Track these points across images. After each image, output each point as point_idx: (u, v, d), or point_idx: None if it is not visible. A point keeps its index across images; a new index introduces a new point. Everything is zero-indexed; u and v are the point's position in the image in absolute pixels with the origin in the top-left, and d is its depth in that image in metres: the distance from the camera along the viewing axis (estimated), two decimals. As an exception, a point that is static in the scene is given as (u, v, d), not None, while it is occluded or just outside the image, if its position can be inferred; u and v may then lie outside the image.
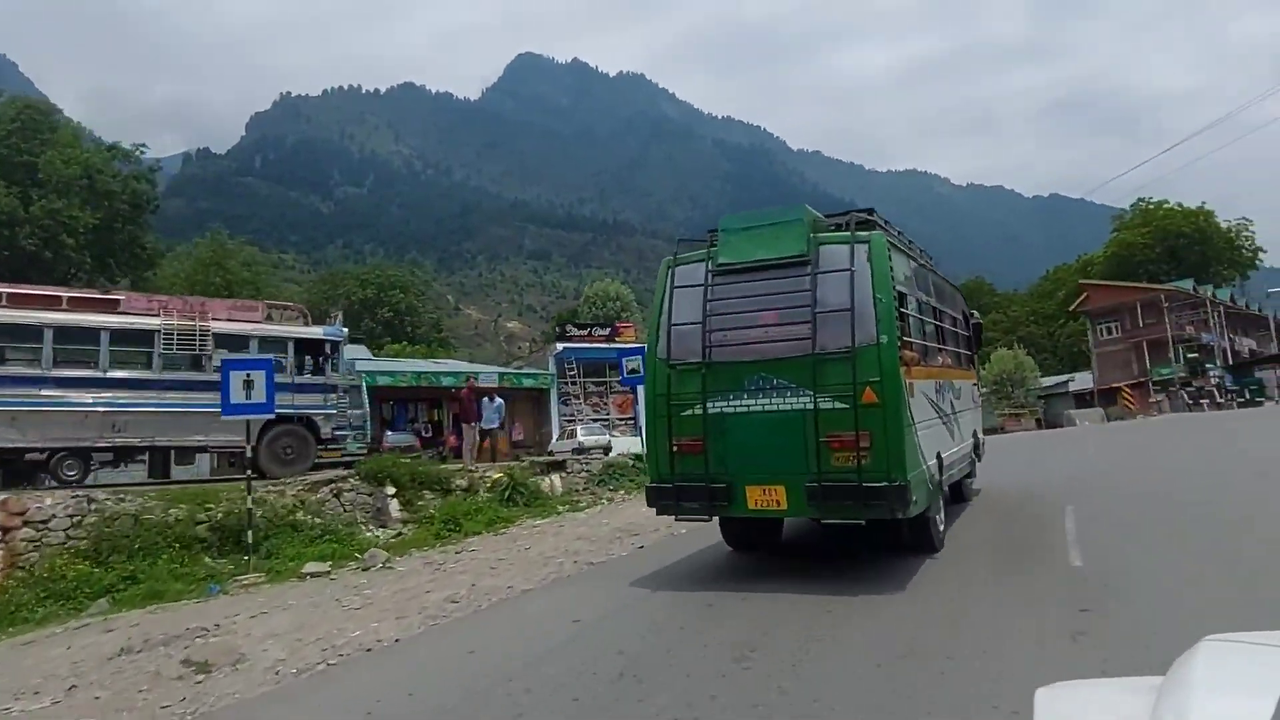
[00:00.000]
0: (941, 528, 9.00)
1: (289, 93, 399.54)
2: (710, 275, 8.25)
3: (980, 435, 13.42)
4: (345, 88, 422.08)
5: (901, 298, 8.16)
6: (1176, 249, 63.01)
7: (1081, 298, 56.57)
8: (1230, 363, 49.66)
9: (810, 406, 7.49)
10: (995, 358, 48.38)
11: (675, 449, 8.15)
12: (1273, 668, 1.58)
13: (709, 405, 7.98)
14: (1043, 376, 57.23)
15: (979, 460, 12.92)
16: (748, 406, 7.87)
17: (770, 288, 7.94)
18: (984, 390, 58.01)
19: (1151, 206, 66.13)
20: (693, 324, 8.16)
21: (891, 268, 7.77)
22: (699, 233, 9.00)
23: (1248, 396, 35.45)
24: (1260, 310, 61.61)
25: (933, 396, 9.12)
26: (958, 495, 11.99)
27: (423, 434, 20.75)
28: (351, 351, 37.22)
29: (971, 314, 13.79)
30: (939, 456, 8.96)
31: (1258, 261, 65.53)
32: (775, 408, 7.75)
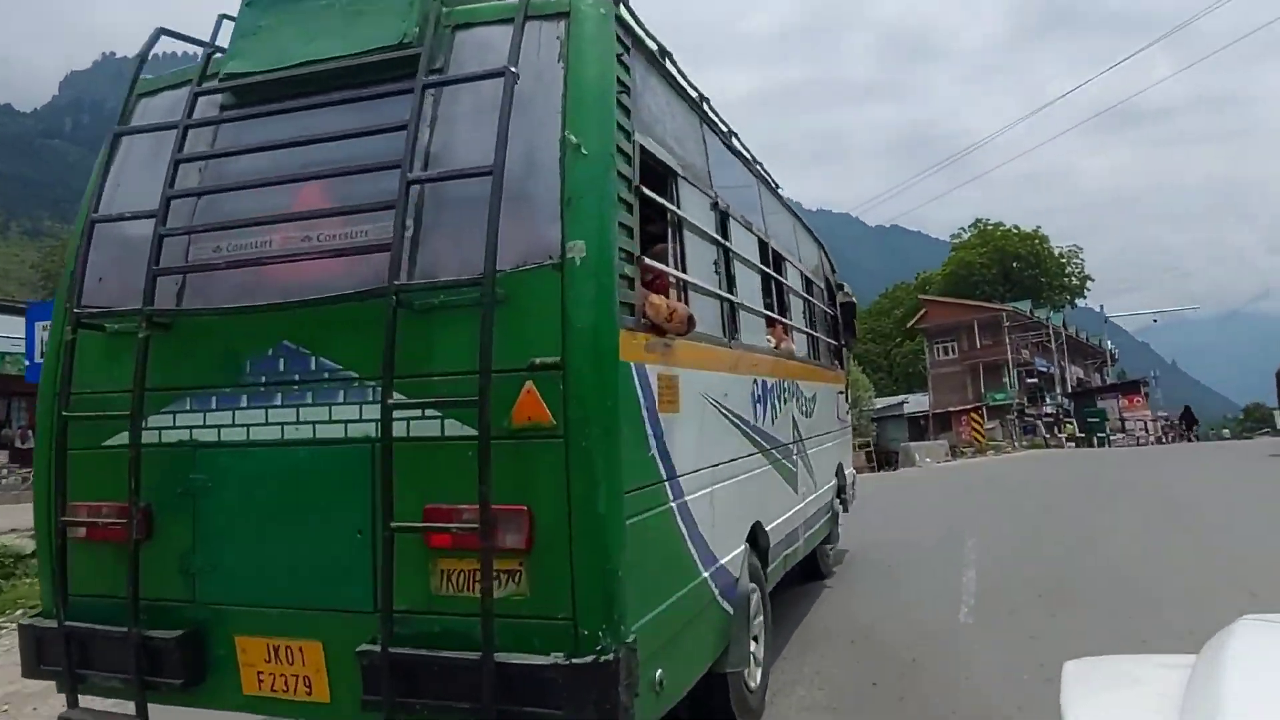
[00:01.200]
0: (756, 683, 4.41)
1: (113, 53, 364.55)
2: (199, 108, 3.39)
3: (851, 473, 9.11)
4: (180, 54, 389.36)
5: (657, 170, 3.53)
6: (1011, 271, 63.46)
7: (920, 314, 55.40)
8: (1069, 390, 49.61)
9: (379, 434, 2.74)
10: (834, 374, 46.07)
11: (77, 534, 3.22)
12: None
13: (155, 424, 3.11)
14: (877, 397, 55.67)
15: (846, 510, 8.53)
16: (247, 428, 3.04)
17: (324, 127, 3.11)
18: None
19: (990, 227, 66.57)
20: (141, 219, 3.25)
21: (625, 87, 3.14)
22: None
23: (1107, 432, 33.14)
24: (1088, 339, 62.87)
25: (744, 410, 4.58)
26: (811, 571, 7.63)
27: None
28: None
29: (840, 285, 9.53)
30: (759, 534, 4.57)
31: (1085, 290, 67.17)
32: (308, 432, 2.97)
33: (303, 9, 3.28)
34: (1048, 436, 35.05)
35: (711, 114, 4.62)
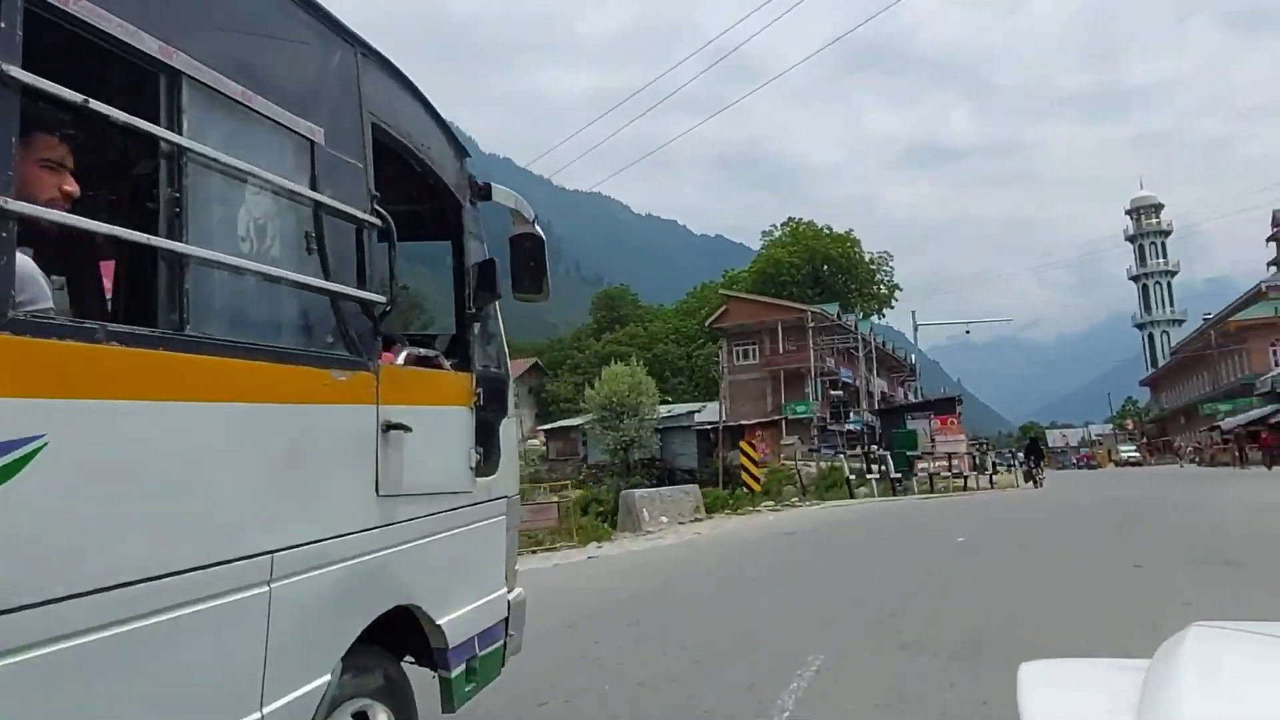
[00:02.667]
0: None
1: None
2: None
3: (505, 595, 3.86)
4: None
5: None
6: (821, 274, 58.20)
7: (720, 311, 48.37)
8: (875, 406, 43.74)
9: None
10: (607, 374, 37.66)
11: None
12: (1259, 653, 1.60)
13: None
14: (673, 404, 48.49)
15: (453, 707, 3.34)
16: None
17: None
18: (591, 419, 43.98)
19: (803, 226, 61.16)
20: None
21: None
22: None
23: (929, 468, 24.74)
24: (894, 350, 58.50)
25: None
26: None
27: None
28: None
29: (518, 207, 4.24)
30: None
31: (894, 299, 62.91)
32: None
33: None
34: (852, 477, 25.64)
35: None
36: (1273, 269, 57.23)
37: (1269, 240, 59.90)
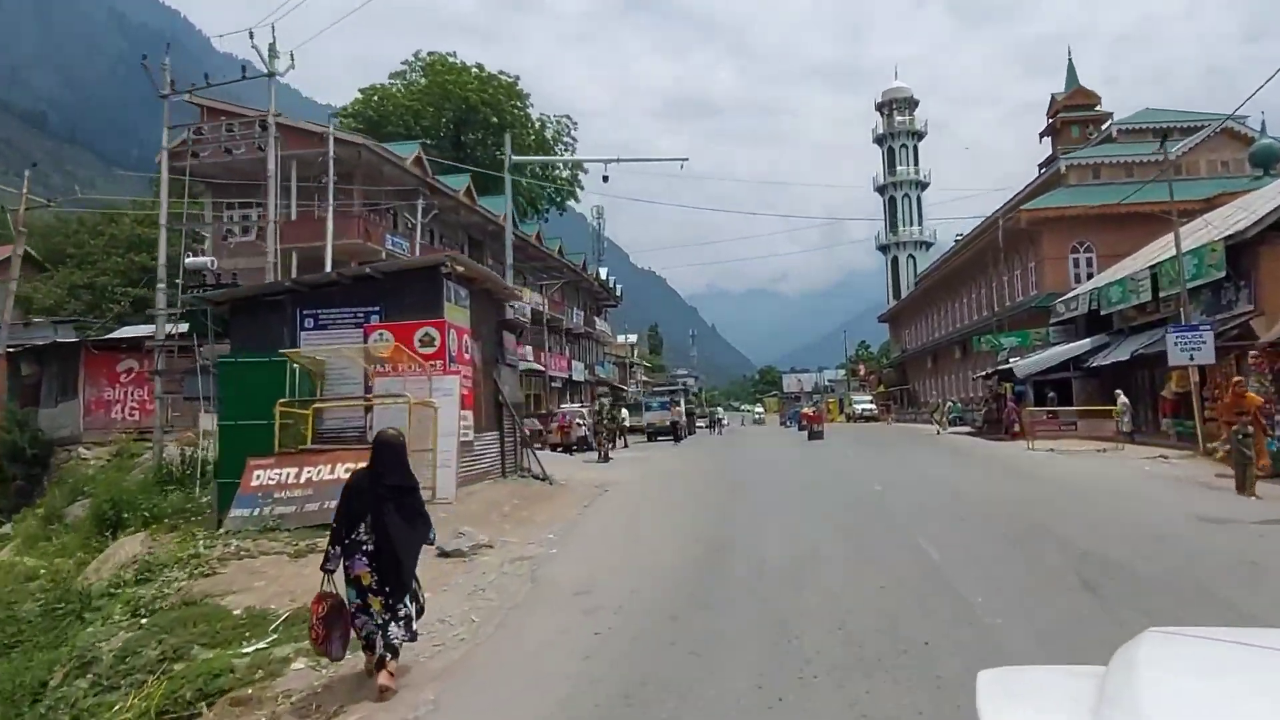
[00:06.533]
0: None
1: None
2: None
3: None
4: None
5: None
6: (464, 139, 38.34)
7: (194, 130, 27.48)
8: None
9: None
10: None
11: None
12: (1213, 657, 1.61)
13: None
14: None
15: None
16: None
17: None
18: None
19: (440, 62, 40.44)
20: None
21: None
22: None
23: None
24: (597, 278, 40.14)
25: None
26: None
27: None
28: None
29: None
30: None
31: (579, 185, 44.04)
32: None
33: None
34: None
35: None
36: (1042, 169, 45.04)
37: (1042, 135, 48.06)
